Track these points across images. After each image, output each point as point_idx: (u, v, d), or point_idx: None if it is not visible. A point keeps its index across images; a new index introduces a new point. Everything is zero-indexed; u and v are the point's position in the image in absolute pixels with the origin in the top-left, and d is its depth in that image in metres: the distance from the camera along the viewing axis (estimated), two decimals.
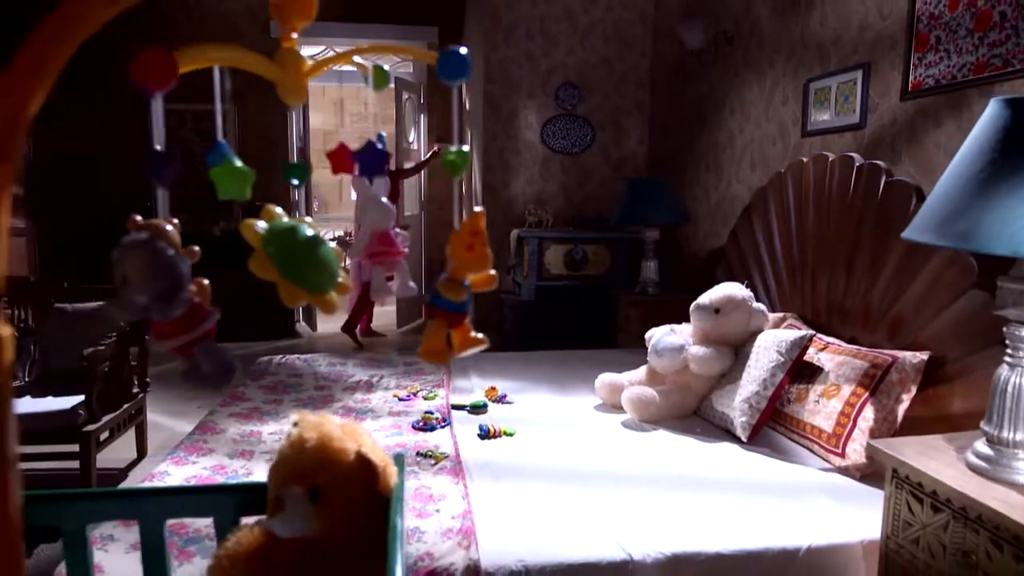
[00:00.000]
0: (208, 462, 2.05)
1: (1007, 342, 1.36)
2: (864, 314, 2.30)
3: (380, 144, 0.83)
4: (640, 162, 5.39)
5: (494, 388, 2.75)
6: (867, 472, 1.96)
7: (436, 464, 2.04)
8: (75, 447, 2.98)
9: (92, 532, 1.14)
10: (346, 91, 9.34)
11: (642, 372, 2.65)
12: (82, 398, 3.04)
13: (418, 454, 2.10)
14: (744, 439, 2.23)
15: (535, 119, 5.25)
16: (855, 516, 1.72)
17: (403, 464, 1.03)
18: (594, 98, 5.29)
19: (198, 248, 0.80)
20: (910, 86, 2.64)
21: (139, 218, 0.80)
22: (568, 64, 5.22)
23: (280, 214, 0.77)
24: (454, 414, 2.51)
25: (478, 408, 2.58)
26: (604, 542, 1.60)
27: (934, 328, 2.00)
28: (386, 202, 0.91)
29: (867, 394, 2.01)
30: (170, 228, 0.77)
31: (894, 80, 2.75)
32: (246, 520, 1.03)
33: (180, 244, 0.75)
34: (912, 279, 2.09)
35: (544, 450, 2.19)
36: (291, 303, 0.73)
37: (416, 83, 6.58)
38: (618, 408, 2.56)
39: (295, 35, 0.72)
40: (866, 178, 2.33)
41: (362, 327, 6.00)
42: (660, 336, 2.56)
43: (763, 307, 2.52)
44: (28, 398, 3.06)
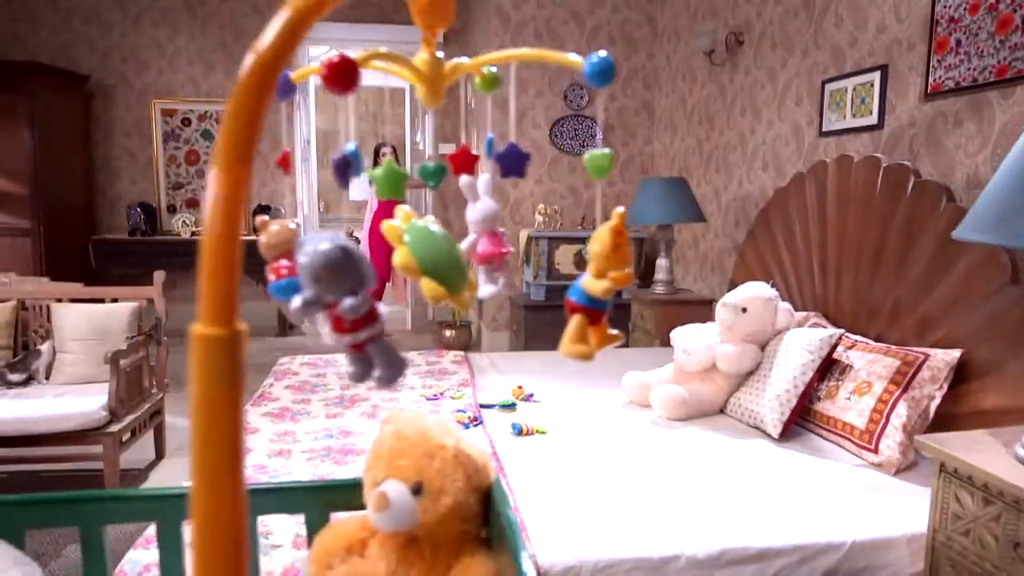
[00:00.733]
0: (248, 461, 2.06)
1: None
2: (891, 312, 2.34)
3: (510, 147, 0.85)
4: (647, 162, 5.43)
5: (520, 387, 2.77)
6: (901, 468, 2.00)
7: None
8: (97, 448, 2.98)
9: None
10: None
11: (668, 370, 2.68)
12: (104, 399, 3.03)
13: None
14: (775, 436, 2.26)
15: (543, 119, 5.28)
16: (895, 510, 1.76)
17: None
18: (601, 98, 5.33)
19: None
20: (929, 88, 2.68)
21: (266, 217, 0.81)
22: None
23: (412, 214, 0.79)
24: (484, 413, 2.53)
25: (507, 407, 2.60)
26: (654, 537, 1.62)
27: (966, 326, 2.04)
28: (493, 202, 0.93)
29: (899, 391, 2.04)
30: (293, 227, 0.79)
31: (912, 82, 2.79)
32: (335, 516, 1.04)
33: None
34: (942, 277, 2.13)
35: (579, 447, 2.21)
36: (434, 301, 0.75)
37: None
38: (645, 406, 2.59)
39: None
40: (893, 178, 2.37)
41: None
42: (688, 335, 2.59)
43: (789, 306, 2.55)
44: (49, 398, 3.06)
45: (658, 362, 3.21)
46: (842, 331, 2.32)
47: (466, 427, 2.37)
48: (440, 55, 0.75)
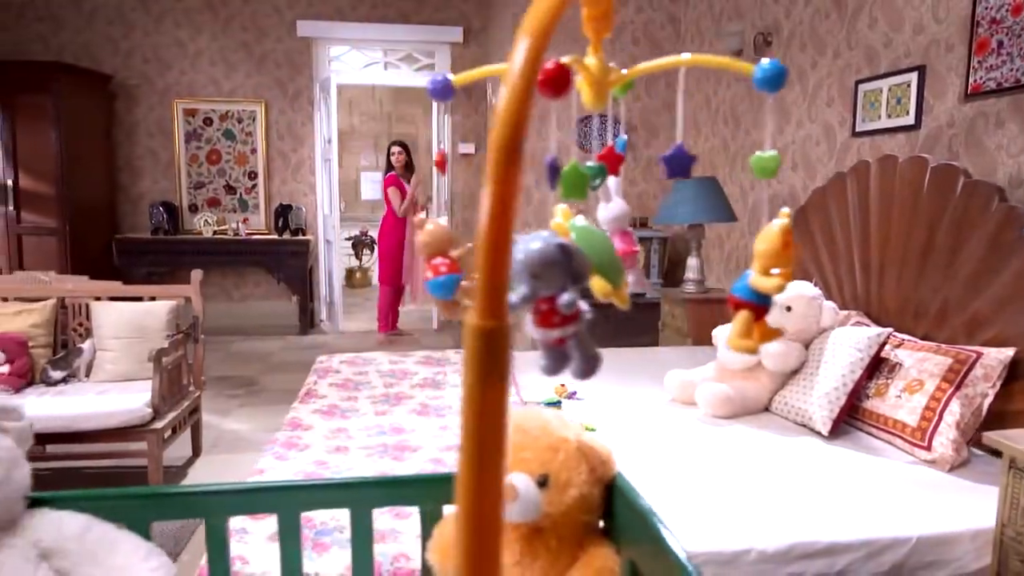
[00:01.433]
0: (309, 457, 2.09)
1: None
2: (939, 312, 2.36)
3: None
4: None
5: (563, 385, 2.79)
6: (955, 465, 2.02)
7: None
8: (140, 444, 3.01)
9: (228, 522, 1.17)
10: (359, 91, 9.35)
11: (711, 368, 2.70)
12: (146, 396, 3.06)
13: None
14: (825, 433, 2.28)
15: (567, 120, 5.29)
16: (956, 506, 1.78)
17: None
18: (624, 99, 5.34)
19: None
20: (970, 88, 2.71)
21: (423, 216, 0.84)
22: None
23: (570, 212, 0.81)
24: None
25: (552, 404, 2.63)
26: (724, 531, 1.65)
27: (1018, 324, 2.06)
28: (624, 203, 0.96)
29: (952, 389, 2.07)
30: (443, 222, 0.81)
31: (951, 82, 2.82)
32: (448, 508, 1.07)
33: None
34: (994, 277, 2.15)
35: (631, 444, 2.23)
36: (602, 296, 0.78)
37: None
38: (689, 403, 2.61)
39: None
40: (941, 178, 2.39)
41: (386, 326, 6.01)
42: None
43: (833, 305, 2.58)
44: (92, 396, 3.09)
45: (692, 360, 3.24)
46: (890, 330, 2.34)
47: None
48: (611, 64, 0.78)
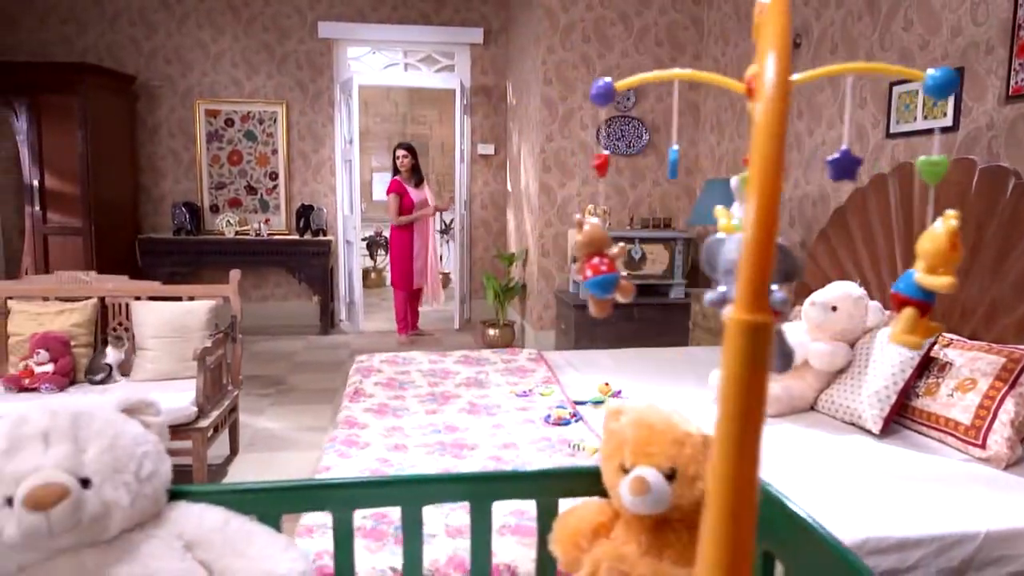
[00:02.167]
0: (370, 455, 2.11)
1: None
2: (987, 312, 2.39)
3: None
4: (692, 163, 5.48)
5: (607, 384, 2.82)
6: (1010, 463, 2.05)
7: (592, 456, 2.11)
8: (185, 443, 3.03)
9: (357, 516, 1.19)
10: (374, 92, 9.37)
11: None
12: (189, 395, 3.09)
13: (571, 445, 2.17)
14: (876, 432, 2.31)
15: (590, 120, 5.33)
16: (1019, 502, 1.81)
17: None
18: (648, 100, 5.38)
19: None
20: (1011, 90, 2.73)
21: (579, 216, 0.86)
22: (623, 66, 5.31)
23: (730, 213, 0.84)
24: (579, 409, 2.58)
25: (599, 403, 2.66)
26: None
27: None
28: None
29: (1006, 388, 2.09)
30: (601, 224, 0.84)
31: (991, 84, 2.84)
32: (564, 502, 1.10)
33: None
34: None
35: None
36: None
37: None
38: None
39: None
40: (990, 180, 2.42)
41: (405, 328, 6.02)
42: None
43: (878, 304, 2.60)
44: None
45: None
46: (941, 329, 2.36)
47: (567, 423, 2.42)
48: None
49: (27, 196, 5.48)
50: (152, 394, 3.06)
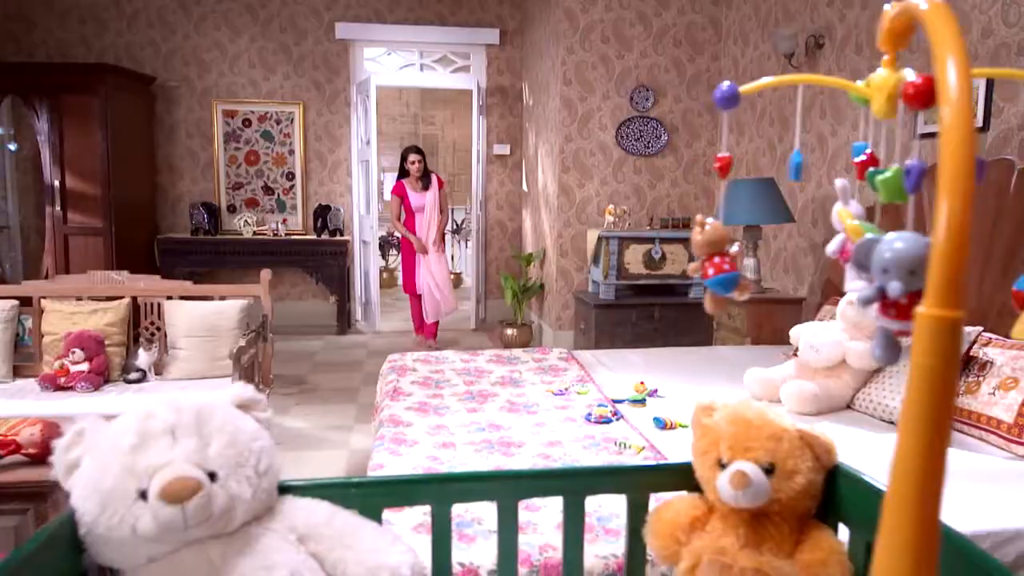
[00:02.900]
0: (420, 452, 2.13)
1: None
2: None
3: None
4: (710, 164, 5.50)
5: (643, 383, 2.84)
6: None
7: (639, 454, 2.13)
8: None
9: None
10: (385, 93, 9.39)
11: (790, 367, 2.75)
12: (223, 394, 3.11)
13: (617, 444, 2.19)
14: None
15: (609, 121, 5.35)
16: None
17: None
18: (666, 101, 5.40)
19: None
20: None
21: (701, 216, 0.88)
22: (641, 67, 5.33)
23: (850, 213, 0.86)
24: (618, 407, 2.60)
25: (637, 402, 2.68)
26: None
27: None
28: (859, 205, 1.00)
29: None
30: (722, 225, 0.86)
31: (1023, 85, 2.86)
32: (655, 496, 1.12)
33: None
34: None
35: None
36: None
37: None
38: (771, 401, 2.65)
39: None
40: None
41: (425, 330, 5.94)
42: (813, 332, 2.66)
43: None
44: (174, 393, 3.14)
45: (757, 359, 3.28)
46: (980, 328, 2.39)
47: (608, 421, 2.44)
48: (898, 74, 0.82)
49: (48, 196, 5.50)
50: (188, 392, 3.10)
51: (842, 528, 1.03)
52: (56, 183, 5.46)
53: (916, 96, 0.71)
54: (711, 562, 0.99)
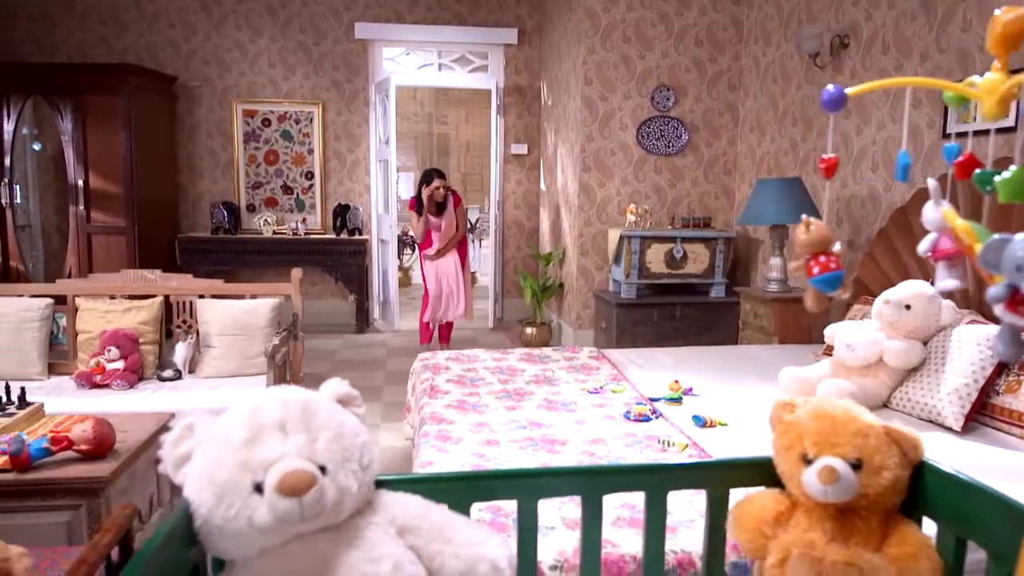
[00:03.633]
0: (465, 449, 2.15)
1: None
2: None
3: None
4: (730, 163, 5.51)
5: (677, 382, 2.85)
6: None
7: (682, 452, 2.15)
8: None
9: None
10: (400, 92, 9.41)
11: (826, 365, 2.76)
12: (259, 391, 3.14)
13: (660, 441, 2.21)
14: (957, 429, 2.34)
15: (630, 120, 5.36)
16: None
17: None
18: (687, 100, 5.41)
19: None
20: None
21: (806, 216, 0.90)
22: (663, 66, 5.34)
23: (953, 211, 0.87)
24: (656, 406, 2.61)
25: (673, 400, 2.69)
26: None
27: None
28: (950, 206, 1.02)
29: None
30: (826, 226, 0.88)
31: None
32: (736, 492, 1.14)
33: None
34: None
35: (768, 439, 2.29)
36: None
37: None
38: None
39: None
40: None
41: (430, 335, 5.67)
42: (849, 331, 2.67)
43: (952, 303, 2.63)
44: (206, 391, 3.16)
45: (786, 358, 3.30)
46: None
47: (648, 419, 2.46)
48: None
49: (71, 196, 5.54)
50: (223, 390, 3.12)
51: (926, 522, 1.05)
52: (80, 182, 5.49)
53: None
54: (801, 556, 1.00)
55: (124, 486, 2.21)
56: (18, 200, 5.67)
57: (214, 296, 3.54)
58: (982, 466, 2.09)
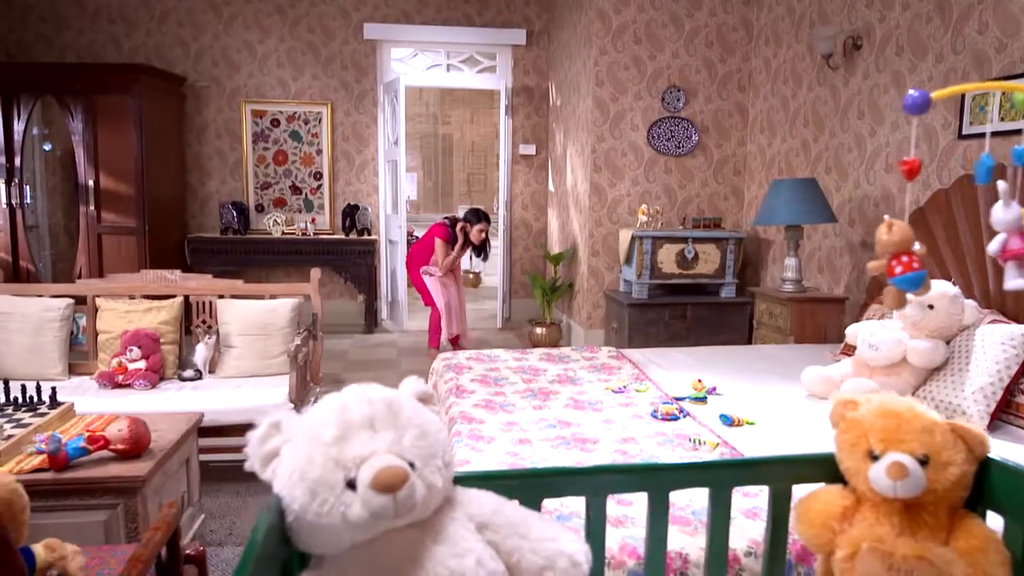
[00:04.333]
0: (501, 448, 2.17)
1: None
2: None
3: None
4: (740, 163, 5.53)
5: (700, 381, 2.87)
6: None
7: (714, 450, 2.17)
8: None
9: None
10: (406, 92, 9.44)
11: (848, 365, 2.78)
12: (278, 391, 3.15)
13: (691, 440, 2.23)
14: (982, 427, 2.36)
15: (641, 121, 5.39)
16: None
17: None
18: (697, 101, 5.43)
19: None
20: None
21: (888, 217, 0.92)
22: (673, 67, 5.36)
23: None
24: (682, 405, 2.63)
25: (698, 400, 2.71)
26: None
27: None
28: (1019, 206, 1.04)
29: None
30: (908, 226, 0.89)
31: None
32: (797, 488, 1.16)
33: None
34: None
35: (797, 438, 2.31)
36: None
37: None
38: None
39: None
40: None
41: (437, 341, 5.56)
42: (872, 331, 2.70)
43: (974, 303, 2.66)
44: (228, 391, 3.17)
45: (804, 358, 3.32)
46: None
47: (675, 418, 2.48)
48: None
49: (82, 196, 5.54)
50: (244, 390, 3.13)
51: (991, 516, 1.07)
52: (91, 182, 5.49)
53: None
54: (872, 549, 1.02)
55: (157, 485, 2.22)
56: (28, 201, 5.66)
57: (233, 296, 3.55)
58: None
